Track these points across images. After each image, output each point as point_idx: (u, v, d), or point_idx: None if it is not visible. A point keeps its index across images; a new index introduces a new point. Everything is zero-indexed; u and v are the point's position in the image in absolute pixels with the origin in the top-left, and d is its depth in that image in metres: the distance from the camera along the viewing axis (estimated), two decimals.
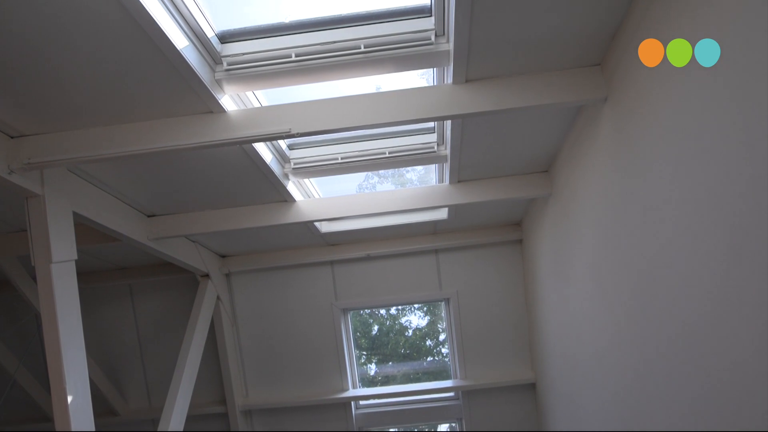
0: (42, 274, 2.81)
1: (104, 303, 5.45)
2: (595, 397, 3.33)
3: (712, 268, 1.80)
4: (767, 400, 1.57)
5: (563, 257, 3.72)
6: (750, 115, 1.54)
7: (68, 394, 2.80)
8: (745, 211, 1.60)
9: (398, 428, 6.00)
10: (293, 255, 5.22)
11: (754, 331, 1.61)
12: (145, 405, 5.60)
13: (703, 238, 1.84)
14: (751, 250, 1.58)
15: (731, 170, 1.65)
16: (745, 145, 1.58)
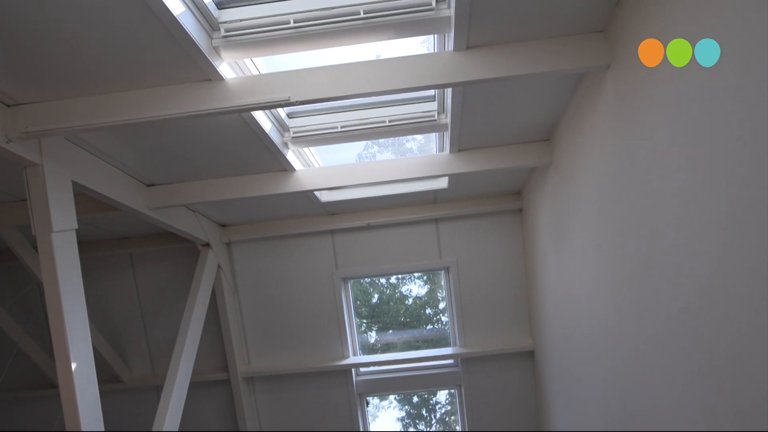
0: (43, 244, 2.81)
1: (105, 272, 5.49)
2: (593, 368, 3.37)
3: (714, 237, 1.80)
4: (766, 375, 1.59)
5: (563, 226, 3.73)
6: (753, 85, 1.52)
7: (72, 361, 2.83)
8: (748, 182, 1.59)
9: (398, 394, 6.10)
10: (293, 224, 5.23)
11: (753, 303, 1.62)
12: (149, 372, 5.68)
13: (705, 207, 1.84)
14: (753, 219, 1.58)
15: (734, 140, 1.64)
16: (749, 115, 1.56)
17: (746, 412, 1.72)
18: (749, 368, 1.67)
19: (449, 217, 5.22)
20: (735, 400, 1.78)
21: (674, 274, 2.12)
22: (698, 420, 2.04)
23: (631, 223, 2.52)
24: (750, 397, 1.69)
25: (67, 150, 2.98)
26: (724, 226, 1.73)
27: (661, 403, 2.38)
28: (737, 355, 1.74)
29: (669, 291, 2.18)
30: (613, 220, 2.75)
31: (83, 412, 2.87)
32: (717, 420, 1.90)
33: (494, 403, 5.52)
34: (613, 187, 2.70)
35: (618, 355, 2.89)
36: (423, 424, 6.26)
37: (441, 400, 6.23)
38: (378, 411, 6.18)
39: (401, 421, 6.24)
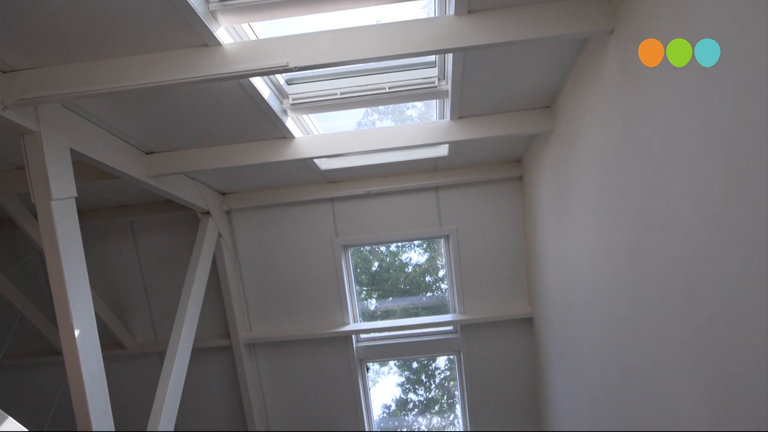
0: (43, 212, 2.81)
1: (106, 240, 5.50)
2: (591, 334, 3.40)
3: (713, 207, 1.80)
4: (765, 337, 1.60)
5: (563, 194, 3.72)
6: (757, 54, 1.50)
7: (75, 328, 2.86)
8: (751, 151, 1.58)
9: (398, 360, 6.18)
10: (293, 192, 5.22)
11: (750, 270, 1.63)
12: (151, 339, 5.74)
13: (705, 178, 1.83)
14: (751, 188, 1.58)
15: (738, 109, 1.63)
16: (753, 84, 1.54)
17: (742, 376, 1.75)
18: (745, 333, 1.69)
19: (449, 185, 5.21)
20: (731, 364, 1.80)
21: (673, 243, 2.12)
22: (695, 384, 2.07)
23: (631, 192, 2.51)
24: (746, 362, 1.71)
25: (64, 117, 2.96)
26: (725, 195, 1.72)
27: (658, 368, 2.41)
28: (733, 321, 1.75)
29: (667, 259, 2.19)
30: (614, 188, 2.75)
31: (87, 378, 2.91)
32: (713, 383, 1.93)
33: (493, 368, 5.60)
34: (614, 155, 2.69)
35: (616, 321, 2.91)
36: (422, 389, 6.36)
37: (440, 366, 6.31)
38: (378, 376, 6.27)
39: (401, 386, 6.33)
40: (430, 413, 6.35)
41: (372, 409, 5.98)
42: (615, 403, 3.06)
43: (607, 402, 3.22)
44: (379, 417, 6.20)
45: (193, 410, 5.74)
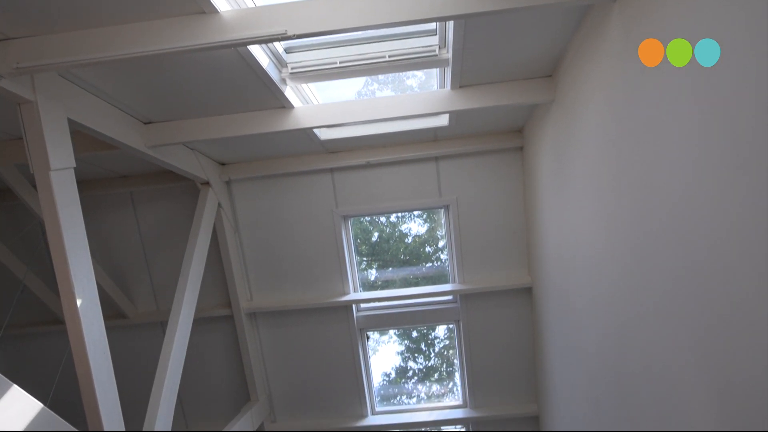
0: (42, 182, 2.81)
1: (106, 211, 5.50)
2: (590, 303, 3.43)
3: (715, 177, 1.79)
4: (766, 306, 1.61)
5: (564, 164, 3.71)
6: (762, 23, 1.48)
7: (77, 298, 2.88)
8: (756, 122, 1.57)
9: (397, 329, 6.24)
10: (293, 162, 5.20)
11: (751, 241, 1.63)
12: (153, 309, 5.79)
13: (708, 147, 1.82)
14: (753, 159, 1.57)
15: (742, 78, 1.61)
16: (758, 51, 1.52)
17: (740, 344, 1.76)
18: (743, 303, 1.70)
19: (449, 155, 5.19)
20: (728, 331, 1.82)
21: (674, 213, 2.12)
22: (692, 351, 2.09)
23: (632, 162, 2.50)
24: (744, 329, 1.72)
25: (61, 86, 2.93)
26: (727, 165, 1.72)
27: (656, 338, 2.43)
28: (731, 291, 1.76)
29: (668, 229, 2.19)
30: (615, 159, 2.73)
31: (90, 347, 2.94)
32: (710, 351, 1.95)
33: (492, 337, 5.66)
34: (616, 124, 2.67)
35: (615, 290, 2.93)
36: (422, 357, 6.44)
37: (439, 335, 6.37)
38: (378, 345, 6.34)
39: (401, 355, 6.41)
40: (429, 381, 6.44)
41: (372, 376, 6.06)
42: (612, 370, 3.10)
43: (604, 369, 3.26)
44: (379, 385, 6.29)
45: (195, 378, 5.82)
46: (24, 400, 2.28)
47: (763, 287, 1.59)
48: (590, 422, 3.71)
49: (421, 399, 6.40)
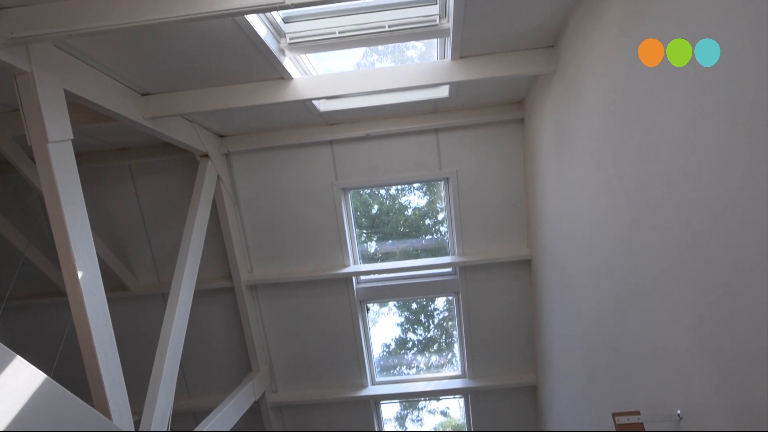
0: (40, 155, 2.80)
1: (105, 184, 5.49)
2: (588, 272, 3.44)
3: (716, 149, 1.78)
4: (762, 271, 1.62)
5: (565, 136, 3.69)
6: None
7: (78, 270, 2.89)
8: (752, 93, 1.55)
9: (397, 301, 6.28)
10: (292, 134, 5.17)
11: (752, 210, 1.63)
12: (154, 280, 5.82)
13: (709, 119, 1.80)
14: (756, 130, 1.56)
15: (743, 49, 1.58)
16: (763, 24, 1.50)
17: (737, 314, 1.77)
18: (741, 274, 1.70)
19: (450, 127, 5.16)
20: (725, 301, 1.83)
21: (674, 185, 2.11)
22: (689, 323, 2.11)
23: (634, 134, 2.49)
24: (742, 299, 1.73)
25: (57, 57, 2.90)
26: (729, 137, 1.70)
27: (653, 307, 2.45)
28: (730, 261, 1.76)
29: (668, 201, 2.18)
30: (617, 131, 2.71)
31: (92, 318, 2.96)
32: (707, 320, 1.96)
33: (491, 309, 5.70)
34: (619, 96, 2.64)
35: (614, 261, 2.94)
36: (421, 329, 6.50)
37: (439, 306, 6.42)
38: (378, 317, 6.39)
39: (400, 326, 6.46)
40: (428, 352, 6.51)
41: (372, 348, 6.12)
42: (610, 341, 3.13)
43: (602, 339, 3.29)
44: (379, 356, 6.36)
45: (197, 349, 5.88)
46: (27, 370, 2.30)
47: (763, 258, 1.59)
48: (587, 392, 3.76)
49: (420, 370, 6.47)
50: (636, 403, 2.72)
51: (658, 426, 2.42)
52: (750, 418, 1.74)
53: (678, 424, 2.26)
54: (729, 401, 1.87)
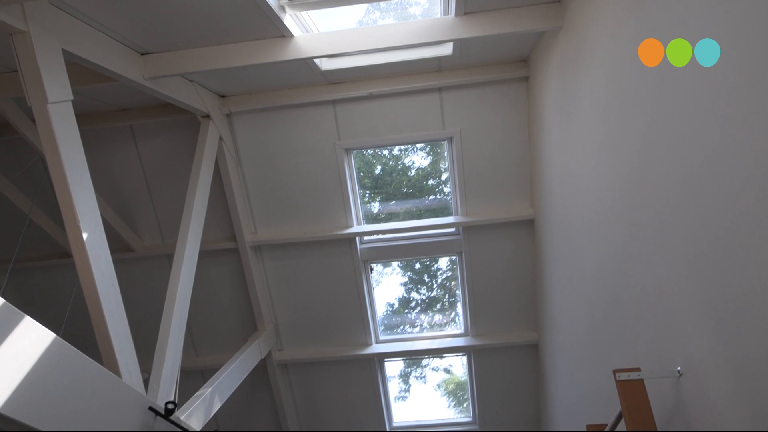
0: (40, 116, 2.77)
1: (107, 145, 5.47)
2: (591, 234, 3.44)
3: (722, 109, 1.76)
4: (765, 237, 1.61)
5: (570, 94, 3.64)
6: None
7: (83, 231, 2.90)
8: (760, 51, 1.52)
9: (401, 261, 6.32)
10: (294, 94, 5.12)
11: (757, 173, 1.61)
12: (159, 241, 5.85)
13: (716, 79, 1.77)
14: (762, 91, 1.53)
15: (753, 11, 1.54)
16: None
17: (736, 266, 1.78)
18: (745, 237, 1.70)
19: (453, 85, 5.09)
20: (730, 265, 1.83)
21: (680, 145, 2.09)
22: (692, 283, 2.12)
23: (640, 93, 2.45)
24: (741, 251, 1.73)
25: (54, 16, 2.84)
26: (735, 97, 1.67)
27: (656, 269, 2.46)
28: (735, 225, 1.76)
29: (673, 161, 2.16)
30: (623, 89, 2.67)
31: (99, 279, 2.99)
32: (710, 283, 1.97)
33: (494, 269, 5.73)
34: (625, 53, 2.59)
35: (617, 221, 2.94)
36: (424, 289, 6.56)
37: (442, 266, 6.46)
38: (381, 277, 6.44)
39: (404, 286, 6.52)
40: (432, 311, 6.58)
41: (376, 307, 6.20)
42: (611, 296, 3.16)
43: (603, 295, 3.32)
44: (382, 315, 6.44)
45: (203, 309, 5.96)
46: (37, 330, 2.33)
47: (762, 211, 1.58)
48: (588, 347, 3.81)
49: (423, 328, 6.56)
50: (637, 360, 2.76)
51: (658, 382, 2.46)
52: (749, 374, 1.77)
53: (678, 380, 2.29)
54: (729, 358, 1.89)
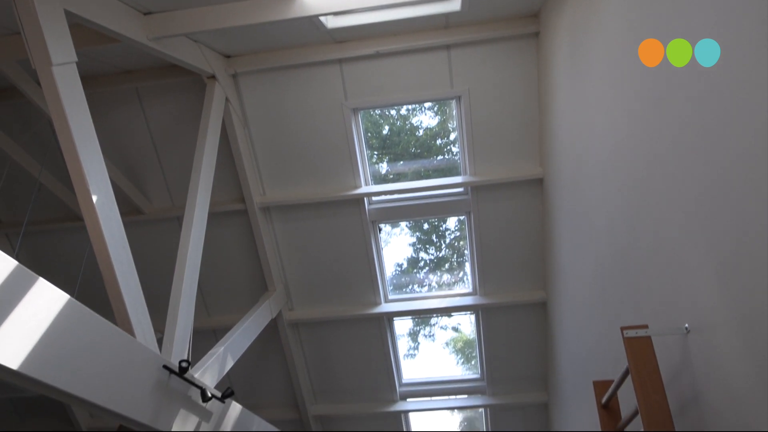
0: (45, 78, 2.77)
1: (113, 108, 5.45)
2: (602, 193, 3.42)
3: (738, 68, 1.72)
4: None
5: (583, 50, 3.56)
6: None
7: (92, 194, 2.92)
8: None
9: (409, 222, 6.33)
10: (300, 53, 5.04)
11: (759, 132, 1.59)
12: (168, 204, 5.88)
13: (732, 38, 1.72)
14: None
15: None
16: None
17: (751, 238, 1.77)
18: (756, 195, 1.68)
19: (461, 42, 4.99)
20: (740, 224, 1.82)
21: (694, 102, 2.05)
22: (702, 244, 2.11)
23: None
24: (752, 211, 1.72)
25: None
26: (753, 57, 1.63)
27: (667, 227, 2.45)
28: (745, 183, 1.74)
29: (686, 118, 2.13)
30: (637, 45, 2.61)
31: (110, 241, 3.02)
32: (720, 244, 1.96)
33: (502, 228, 5.73)
34: (641, 7, 2.52)
35: (628, 180, 2.91)
36: (433, 248, 6.58)
37: (450, 226, 6.47)
38: (390, 237, 6.47)
39: (412, 246, 6.55)
40: (440, 271, 6.63)
41: (384, 267, 6.24)
42: (620, 255, 3.16)
43: (612, 254, 3.32)
44: (391, 274, 6.49)
45: (214, 270, 6.03)
46: (51, 291, 2.37)
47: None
48: (596, 306, 3.84)
49: (432, 288, 6.61)
50: (645, 318, 2.78)
51: (665, 339, 2.48)
52: (756, 331, 1.78)
53: (686, 337, 2.31)
54: (736, 315, 1.90)
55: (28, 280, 2.27)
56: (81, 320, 2.54)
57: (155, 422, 3.09)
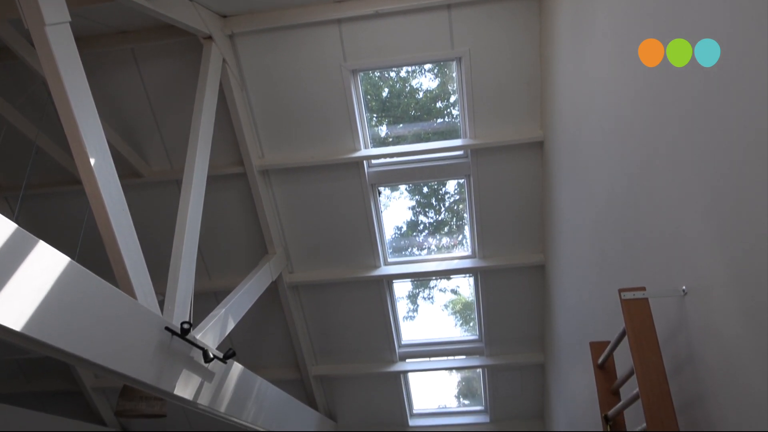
0: (38, 39, 2.72)
1: (109, 69, 5.36)
2: (602, 153, 3.41)
3: (742, 28, 1.68)
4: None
5: (586, 12, 3.49)
6: None
7: (90, 156, 2.90)
8: None
9: (408, 185, 6.32)
10: (298, 13, 4.94)
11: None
12: (167, 167, 5.86)
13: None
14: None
15: None
16: None
17: (748, 194, 1.77)
18: (756, 159, 1.68)
19: (462, 2, 4.88)
20: (739, 180, 1.81)
21: (697, 65, 2.02)
22: (699, 196, 2.11)
23: (659, 10, 2.34)
24: (754, 178, 1.72)
25: None
26: (756, 23, 1.60)
27: (665, 183, 2.44)
28: (747, 148, 1.73)
29: (688, 81, 2.10)
30: (642, 5, 2.56)
31: (109, 204, 3.01)
32: (719, 198, 1.96)
33: (502, 191, 5.72)
34: None
35: (628, 141, 2.90)
36: (432, 212, 6.59)
37: (450, 190, 6.46)
38: (389, 201, 6.47)
39: (412, 209, 6.55)
40: (439, 234, 6.65)
41: (384, 230, 6.25)
42: (620, 222, 3.16)
43: (612, 218, 3.32)
44: (391, 238, 6.51)
45: (214, 234, 6.03)
46: (51, 254, 2.38)
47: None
48: (594, 268, 3.86)
49: (431, 251, 6.64)
50: (643, 280, 2.80)
51: (662, 301, 2.50)
52: (752, 294, 1.79)
53: (683, 299, 2.33)
54: (734, 276, 1.91)
55: (27, 242, 2.28)
56: (82, 282, 2.55)
57: (158, 382, 3.14)
